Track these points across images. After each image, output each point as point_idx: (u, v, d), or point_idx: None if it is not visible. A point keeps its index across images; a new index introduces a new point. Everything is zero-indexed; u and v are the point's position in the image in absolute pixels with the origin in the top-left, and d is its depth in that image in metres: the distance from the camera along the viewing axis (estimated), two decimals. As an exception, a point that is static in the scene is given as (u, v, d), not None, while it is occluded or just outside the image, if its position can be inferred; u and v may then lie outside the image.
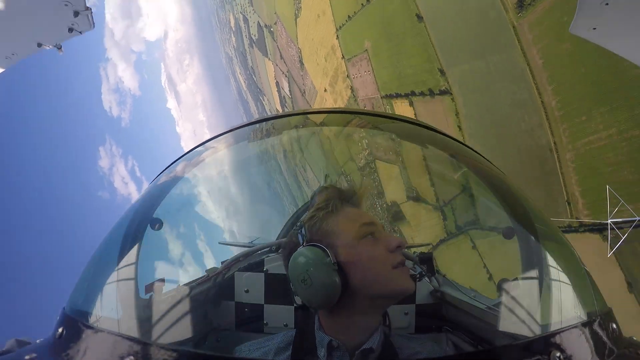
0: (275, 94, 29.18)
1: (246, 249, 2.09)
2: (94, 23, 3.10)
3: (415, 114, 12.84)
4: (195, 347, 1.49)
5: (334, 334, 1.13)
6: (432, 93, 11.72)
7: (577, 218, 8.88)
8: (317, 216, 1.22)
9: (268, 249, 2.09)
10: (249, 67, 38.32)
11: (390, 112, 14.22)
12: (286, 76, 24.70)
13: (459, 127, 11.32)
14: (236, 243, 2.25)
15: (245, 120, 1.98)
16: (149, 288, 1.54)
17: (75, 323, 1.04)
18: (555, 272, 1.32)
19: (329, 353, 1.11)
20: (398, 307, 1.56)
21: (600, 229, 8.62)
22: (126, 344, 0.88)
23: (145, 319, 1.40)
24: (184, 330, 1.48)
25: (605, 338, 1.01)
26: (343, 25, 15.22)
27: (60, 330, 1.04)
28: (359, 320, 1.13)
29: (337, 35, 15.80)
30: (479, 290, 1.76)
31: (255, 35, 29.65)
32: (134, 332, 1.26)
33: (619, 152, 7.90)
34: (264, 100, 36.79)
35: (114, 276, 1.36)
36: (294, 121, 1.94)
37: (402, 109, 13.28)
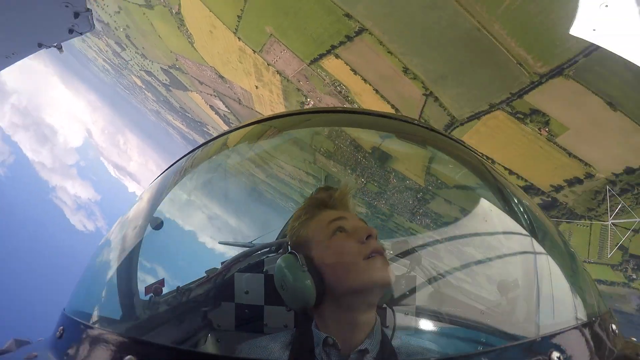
0: (215, 117, 28.73)
1: (246, 249, 2.11)
2: (93, 24, 3.13)
3: (346, 63, 12.92)
4: (195, 347, 1.52)
5: (330, 333, 1.16)
6: (350, 38, 11.70)
7: (535, 73, 9.08)
8: (294, 227, 1.33)
9: (267, 249, 2.14)
10: (178, 109, 37.63)
11: (327, 78, 14.37)
12: (216, 96, 24.36)
13: (390, 52, 11.37)
14: (236, 243, 2.26)
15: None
16: (149, 289, 1.61)
17: (76, 323, 1.04)
18: (555, 273, 1.36)
19: (325, 350, 1.14)
20: (398, 308, 1.53)
21: (559, 71, 8.84)
22: (126, 343, 0.89)
23: (145, 319, 1.52)
24: (183, 331, 1.59)
25: (604, 339, 1.03)
26: (237, 26, 15.05)
27: (60, 330, 1.06)
28: (350, 317, 1.16)
29: (238, 38, 15.63)
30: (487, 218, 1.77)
31: (166, 80, 29.06)
32: (134, 332, 1.37)
33: (538, -3, 7.91)
34: (209, 129, 36.32)
35: (114, 276, 1.39)
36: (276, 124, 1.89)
37: (332, 64, 13.29)
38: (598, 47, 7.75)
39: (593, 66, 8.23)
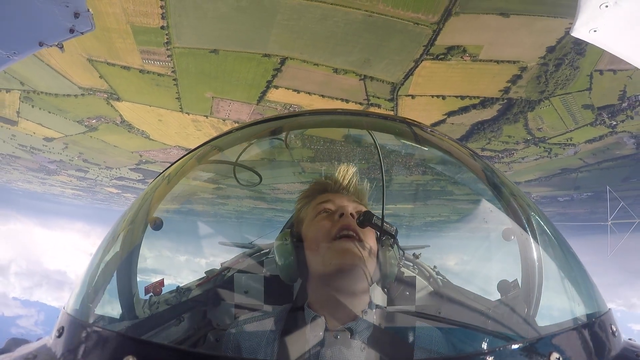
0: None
1: (246, 250, 2.18)
2: (94, 24, 3.11)
3: (287, 89, 14.30)
4: (194, 347, 1.51)
5: (318, 310, 1.21)
6: (277, 70, 13.14)
7: (431, 23, 10.77)
8: (297, 208, 1.47)
9: (267, 250, 2.18)
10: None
11: (277, 106, 15.58)
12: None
13: (316, 64, 12.81)
14: (236, 244, 2.30)
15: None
16: (149, 288, 1.62)
17: (76, 322, 1.05)
18: (555, 273, 1.39)
19: (312, 328, 1.17)
20: (396, 305, 1.52)
21: (448, 13, 10.19)
22: (126, 343, 0.90)
23: (145, 319, 1.52)
24: (183, 330, 1.59)
25: (604, 340, 1.03)
26: (181, 105, 16.24)
27: (60, 329, 1.04)
28: (332, 295, 1.20)
29: (186, 113, 16.79)
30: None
31: (139, 176, 28.93)
32: (134, 332, 1.40)
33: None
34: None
35: (114, 276, 1.39)
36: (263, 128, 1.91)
37: (276, 94, 14.61)
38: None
39: (470, -2, 9.90)
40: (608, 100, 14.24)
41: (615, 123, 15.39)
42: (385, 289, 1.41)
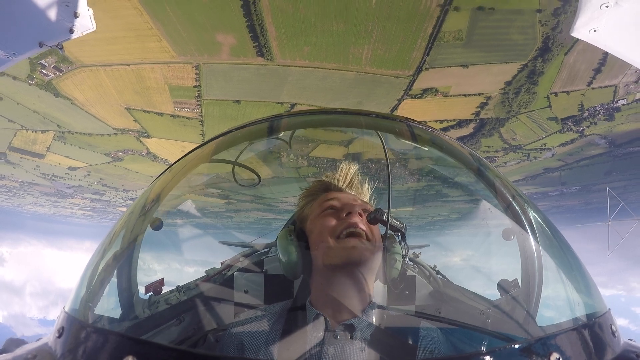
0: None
1: (246, 249, 2.33)
2: (94, 24, 3.14)
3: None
4: (194, 347, 1.56)
5: (320, 307, 1.25)
6: (288, 112, 16.49)
7: (407, 76, 14.65)
8: (300, 205, 1.54)
9: (268, 249, 2.31)
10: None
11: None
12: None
13: (318, 107, 16.07)
14: (236, 243, 2.43)
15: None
16: (149, 288, 1.75)
17: (76, 322, 1.09)
18: (555, 273, 1.48)
19: (314, 327, 1.21)
20: (395, 305, 1.53)
21: (420, 69, 13.67)
22: (126, 343, 0.94)
23: (145, 319, 1.63)
24: (183, 330, 1.71)
25: (604, 340, 1.06)
26: (203, 139, 17.61)
27: (60, 329, 1.08)
28: (335, 293, 1.23)
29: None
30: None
31: None
32: (134, 332, 1.51)
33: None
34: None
35: (114, 276, 1.48)
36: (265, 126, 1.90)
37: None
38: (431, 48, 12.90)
39: (436, 56, 13.23)
40: (569, 112, 16.81)
41: (582, 129, 17.69)
42: (388, 287, 1.42)
